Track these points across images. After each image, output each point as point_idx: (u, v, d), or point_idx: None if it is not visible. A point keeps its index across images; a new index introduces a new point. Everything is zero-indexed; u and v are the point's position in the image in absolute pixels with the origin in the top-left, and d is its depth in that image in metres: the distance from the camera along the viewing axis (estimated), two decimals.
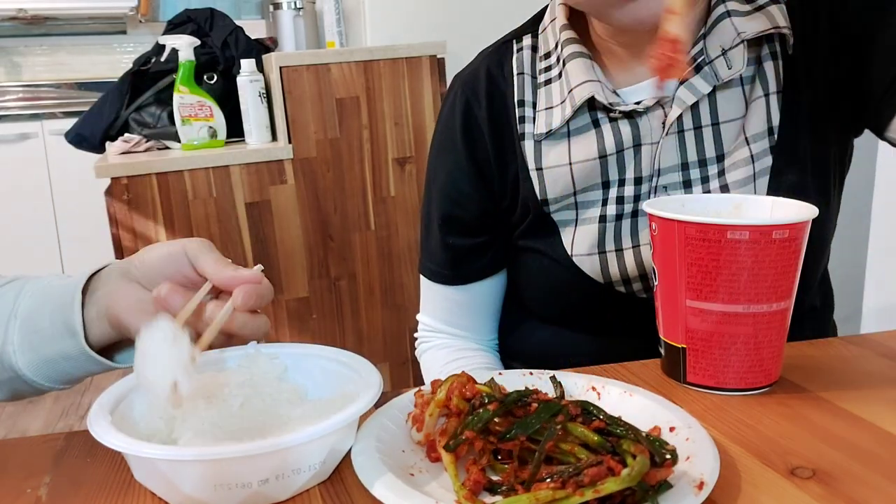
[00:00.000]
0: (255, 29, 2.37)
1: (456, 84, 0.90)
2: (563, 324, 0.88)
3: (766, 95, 0.78)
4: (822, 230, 0.82)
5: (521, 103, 0.84)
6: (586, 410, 0.51)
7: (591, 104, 0.80)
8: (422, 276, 0.95)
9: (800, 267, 0.63)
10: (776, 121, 0.78)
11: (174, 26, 2.07)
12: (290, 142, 1.90)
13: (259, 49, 2.07)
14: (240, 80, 1.92)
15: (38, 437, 0.63)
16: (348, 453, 0.53)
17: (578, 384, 0.62)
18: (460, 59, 2.17)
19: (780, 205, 0.68)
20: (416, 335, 0.99)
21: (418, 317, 0.98)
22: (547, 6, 0.88)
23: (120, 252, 1.80)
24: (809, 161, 0.79)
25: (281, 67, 1.86)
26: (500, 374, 0.63)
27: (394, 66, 1.93)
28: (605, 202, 0.81)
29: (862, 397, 0.62)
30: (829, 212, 0.82)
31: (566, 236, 0.83)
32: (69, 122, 2.13)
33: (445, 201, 0.89)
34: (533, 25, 0.88)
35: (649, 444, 0.48)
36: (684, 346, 0.65)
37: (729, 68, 0.76)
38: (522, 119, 0.84)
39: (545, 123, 0.82)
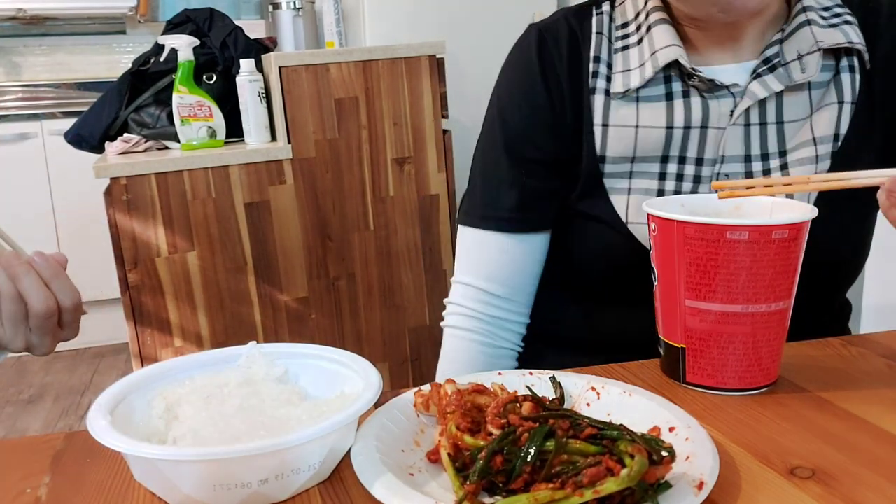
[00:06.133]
0: (254, 29, 2.37)
1: (533, 29, 0.90)
2: (596, 297, 0.89)
3: (840, 103, 0.81)
4: (861, 243, 0.87)
5: (597, 59, 0.85)
6: (574, 423, 0.51)
7: (668, 78, 0.82)
8: (470, 232, 0.91)
9: (799, 267, 0.63)
10: (844, 129, 0.81)
11: (173, 26, 2.07)
12: (289, 142, 1.90)
13: (258, 49, 2.07)
14: (239, 80, 1.92)
15: (38, 438, 0.63)
16: (348, 453, 0.53)
17: (578, 384, 0.62)
18: (459, 59, 2.18)
19: (780, 205, 0.68)
20: (445, 300, 0.94)
21: (453, 279, 0.93)
22: None
23: (119, 252, 1.80)
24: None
25: (280, 67, 1.86)
26: (499, 374, 0.63)
27: (393, 66, 1.93)
28: (662, 176, 0.83)
29: (861, 397, 0.62)
30: (869, 222, 0.86)
31: (619, 204, 0.84)
32: (68, 122, 2.13)
33: (523, 127, 0.87)
34: None
35: (645, 442, 0.48)
36: (683, 346, 0.65)
37: (803, 72, 0.79)
38: (596, 74, 0.85)
39: (622, 84, 0.83)
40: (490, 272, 0.90)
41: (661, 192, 0.83)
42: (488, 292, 0.90)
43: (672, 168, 0.83)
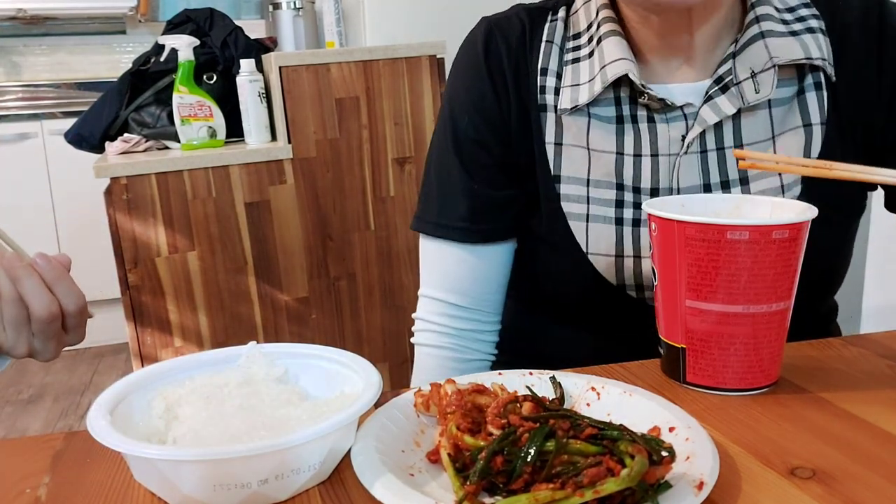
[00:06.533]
0: (254, 29, 2.37)
1: (483, 23, 0.85)
2: (569, 319, 0.86)
3: (808, 126, 0.76)
4: (850, 247, 0.84)
5: (545, 71, 0.81)
6: (574, 423, 0.51)
7: (618, 99, 0.78)
8: (427, 241, 0.87)
9: (799, 268, 0.63)
10: (815, 152, 0.76)
11: (173, 26, 2.07)
12: (289, 142, 1.90)
13: (259, 49, 2.07)
14: (239, 79, 1.91)
15: (38, 438, 0.63)
16: (348, 453, 0.53)
17: (578, 384, 0.62)
18: None
19: (781, 205, 0.68)
20: (413, 315, 0.90)
21: (419, 292, 0.89)
22: None
23: (119, 252, 1.80)
24: (842, 196, 0.77)
25: (280, 67, 1.86)
26: (500, 374, 0.63)
27: (393, 66, 1.93)
28: (619, 204, 0.79)
29: (862, 398, 0.62)
30: (847, 237, 0.83)
31: (578, 232, 0.80)
32: (69, 122, 2.13)
33: (473, 130, 0.83)
34: (567, 1, 0.86)
35: (645, 442, 0.48)
36: (684, 346, 0.65)
37: (756, 92, 0.74)
38: (544, 89, 0.81)
39: (570, 99, 0.79)
40: (451, 284, 0.86)
41: (619, 221, 0.79)
42: (453, 304, 0.86)
43: (629, 197, 0.79)
